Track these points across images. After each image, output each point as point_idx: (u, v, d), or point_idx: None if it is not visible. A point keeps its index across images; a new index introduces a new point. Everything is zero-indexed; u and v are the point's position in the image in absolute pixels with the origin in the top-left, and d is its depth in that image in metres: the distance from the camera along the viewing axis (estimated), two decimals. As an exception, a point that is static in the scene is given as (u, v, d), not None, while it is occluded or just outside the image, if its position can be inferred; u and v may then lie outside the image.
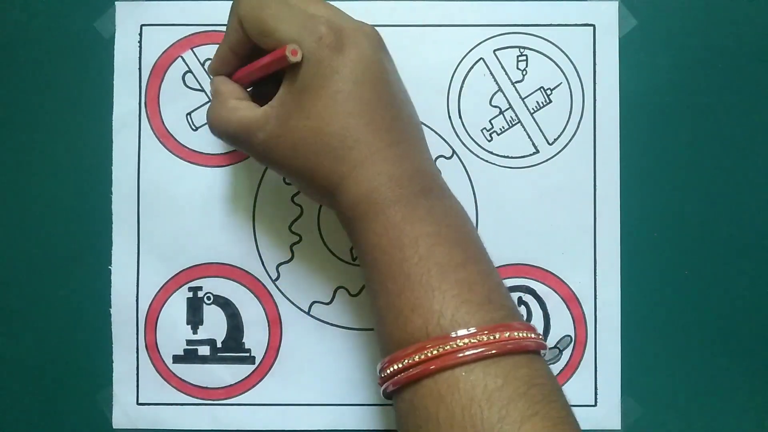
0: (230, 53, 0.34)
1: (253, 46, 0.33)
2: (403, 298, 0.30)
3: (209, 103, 0.35)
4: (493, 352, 0.28)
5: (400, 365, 0.29)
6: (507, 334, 0.28)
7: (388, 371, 0.30)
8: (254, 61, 0.33)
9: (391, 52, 0.39)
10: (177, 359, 0.40)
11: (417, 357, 0.29)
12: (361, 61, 0.31)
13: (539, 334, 0.30)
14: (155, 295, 0.40)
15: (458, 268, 0.30)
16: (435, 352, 0.28)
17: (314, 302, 0.40)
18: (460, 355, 0.28)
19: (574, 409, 0.39)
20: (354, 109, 0.31)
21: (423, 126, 0.39)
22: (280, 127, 0.32)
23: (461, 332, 0.28)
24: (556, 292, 0.40)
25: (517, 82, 0.40)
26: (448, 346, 0.28)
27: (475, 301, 0.29)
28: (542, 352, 0.30)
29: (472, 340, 0.28)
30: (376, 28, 0.39)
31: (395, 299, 0.30)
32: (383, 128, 0.32)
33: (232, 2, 0.33)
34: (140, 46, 0.40)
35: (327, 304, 0.40)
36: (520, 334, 0.29)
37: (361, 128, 0.31)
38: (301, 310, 0.40)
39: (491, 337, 0.28)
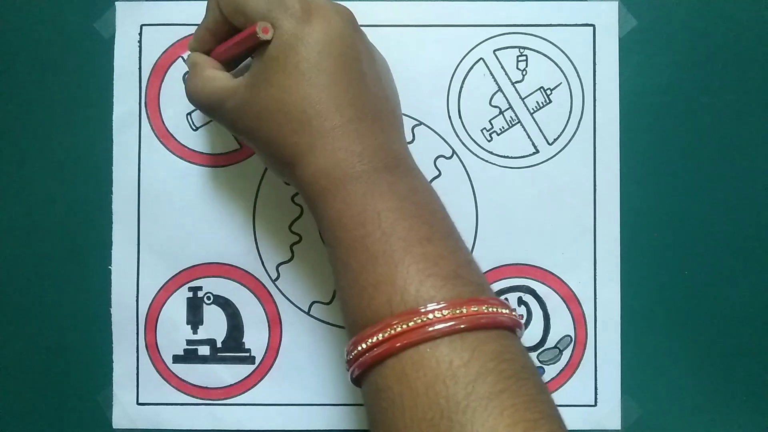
0: (207, 33, 0.34)
1: (230, 27, 0.33)
2: (365, 274, 0.28)
3: (188, 75, 0.35)
4: (462, 326, 0.26)
5: (365, 345, 0.28)
6: (475, 309, 0.27)
7: (353, 353, 0.28)
8: (228, 40, 0.33)
9: (391, 52, 0.39)
10: (177, 359, 0.40)
11: (381, 335, 0.27)
12: (328, 33, 0.31)
13: (513, 310, 0.28)
14: (155, 295, 0.40)
15: (423, 242, 0.29)
16: (399, 328, 0.27)
17: (314, 302, 0.40)
18: (428, 329, 0.26)
19: (574, 409, 0.40)
20: (317, 80, 0.31)
21: (423, 126, 0.40)
22: (248, 96, 0.32)
23: (429, 306, 0.27)
24: (556, 292, 0.40)
25: (517, 82, 0.40)
26: (412, 322, 0.26)
27: (441, 275, 0.28)
28: (518, 331, 0.29)
29: (438, 315, 0.26)
30: (377, 28, 0.40)
31: (357, 276, 0.29)
32: (346, 102, 0.31)
33: None
34: (140, 46, 0.40)
35: (327, 304, 0.40)
36: (491, 309, 0.27)
37: (323, 100, 0.31)
38: (301, 310, 0.40)
39: (459, 311, 0.27)
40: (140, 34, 0.40)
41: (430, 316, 0.26)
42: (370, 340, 0.27)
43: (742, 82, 0.39)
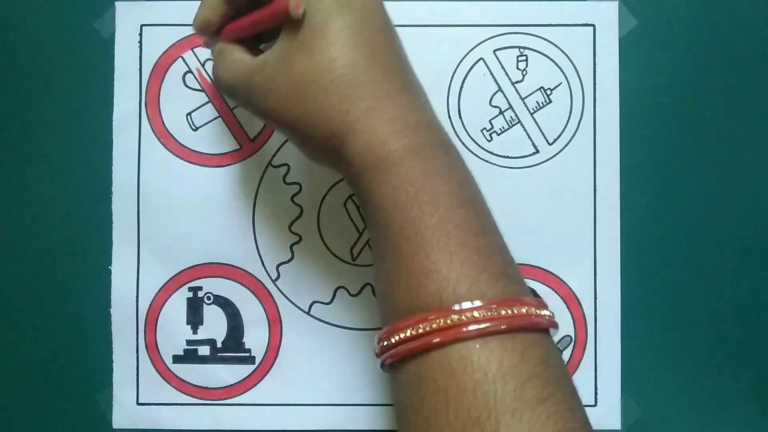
0: (221, 1, 0.32)
1: None
2: (417, 260, 0.27)
3: (214, 64, 0.33)
4: (514, 327, 0.26)
5: (411, 332, 0.26)
6: (525, 310, 0.26)
7: (395, 339, 0.27)
8: (246, 15, 0.31)
9: (391, 52, 0.39)
10: (177, 359, 0.40)
11: (429, 326, 0.26)
12: (367, 3, 0.29)
13: (552, 312, 0.28)
14: (155, 295, 0.40)
15: (479, 235, 0.28)
16: (449, 321, 0.26)
17: (314, 302, 0.40)
18: (474, 327, 0.25)
19: (574, 409, 0.39)
20: (363, 46, 0.29)
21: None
22: (281, 67, 0.29)
23: (477, 303, 0.26)
24: (556, 292, 0.40)
25: (517, 82, 0.40)
26: (464, 317, 0.26)
27: (493, 272, 0.27)
28: (552, 330, 0.28)
29: (489, 313, 0.26)
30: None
31: (408, 261, 0.27)
32: (394, 71, 0.29)
33: None
34: (140, 46, 0.40)
35: (327, 304, 0.40)
36: (538, 312, 0.27)
37: (371, 68, 0.29)
38: (301, 310, 0.40)
39: (510, 311, 0.26)
40: (140, 34, 0.40)
41: (481, 313, 0.26)
42: (418, 328, 0.26)
43: (742, 82, 0.39)
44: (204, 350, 0.40)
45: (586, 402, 0.39)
